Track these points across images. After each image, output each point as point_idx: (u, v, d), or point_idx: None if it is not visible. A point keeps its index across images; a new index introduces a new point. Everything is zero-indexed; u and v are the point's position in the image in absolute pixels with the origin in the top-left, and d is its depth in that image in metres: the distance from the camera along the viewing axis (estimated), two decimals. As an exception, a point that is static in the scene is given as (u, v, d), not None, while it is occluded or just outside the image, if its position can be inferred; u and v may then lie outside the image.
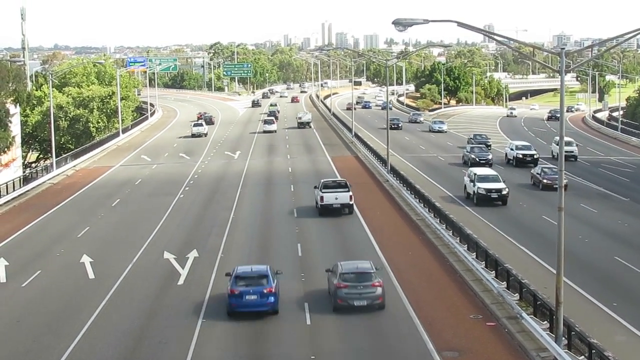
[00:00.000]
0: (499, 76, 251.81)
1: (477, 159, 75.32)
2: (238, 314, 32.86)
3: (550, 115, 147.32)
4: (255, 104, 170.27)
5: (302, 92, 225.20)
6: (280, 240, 47.47)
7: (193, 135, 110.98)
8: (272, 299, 33.06)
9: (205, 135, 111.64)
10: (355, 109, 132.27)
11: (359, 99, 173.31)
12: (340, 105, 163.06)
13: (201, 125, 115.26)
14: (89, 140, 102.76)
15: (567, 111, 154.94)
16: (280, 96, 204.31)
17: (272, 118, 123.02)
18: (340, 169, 75.60)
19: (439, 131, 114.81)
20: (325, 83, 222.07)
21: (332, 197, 54.12)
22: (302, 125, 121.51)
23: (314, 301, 34.54)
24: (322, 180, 57.38)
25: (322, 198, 54.27)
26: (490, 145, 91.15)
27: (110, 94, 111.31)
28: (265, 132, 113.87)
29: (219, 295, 36.13)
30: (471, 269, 38.38)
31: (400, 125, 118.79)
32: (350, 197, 54.49)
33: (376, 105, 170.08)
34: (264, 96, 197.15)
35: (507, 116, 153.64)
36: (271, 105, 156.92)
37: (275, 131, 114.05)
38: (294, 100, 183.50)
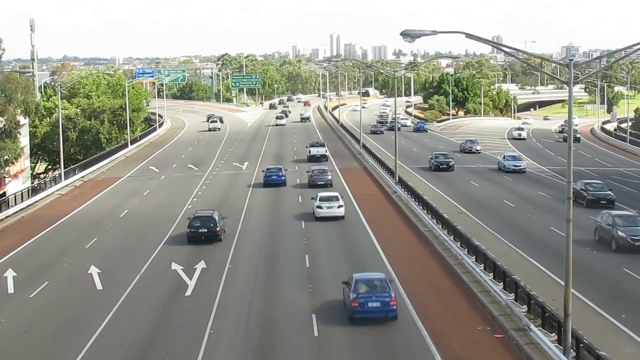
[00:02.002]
0: (507, 87, 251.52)
1: (631, 240, 44.63)
2: (269, 185, 71.42)
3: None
4: (272, 107, 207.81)
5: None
6: (288, 252, 47.44)
7: (210, 130, 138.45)
8: (283, 178, 72.87)
9: (219, 129, 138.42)
10: (382, 132, 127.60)
11: (381, 118, 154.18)
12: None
13: (216, 121, 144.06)
14: (99, 151, 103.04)
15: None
16: (298, 101, 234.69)
17: (283, 115, 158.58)
18: (348, 179, 75.55)
19: (515, 171, 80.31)
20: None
21: (315, 150, 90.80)
22: (304, 119, 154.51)
23: (322, 312, 34.50)
24: (310, 142, 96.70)
25: (309, 151, 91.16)
26: (614, 201, 60.48)
27: (123, 105, 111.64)
28: (277, 125, 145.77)
29: (226, 305, 36.19)
30: (479, 280, 38.31)
31: (451, 162, 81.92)
32: (326, 150, 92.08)
33: (404, 126, 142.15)
34: (280, 102, 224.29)
35: (515, 138, 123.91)
36: (284, 106, 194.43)
37: (285, 124, 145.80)
38: (306, 104, 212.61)
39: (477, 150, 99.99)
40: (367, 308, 33.18)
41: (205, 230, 49.23)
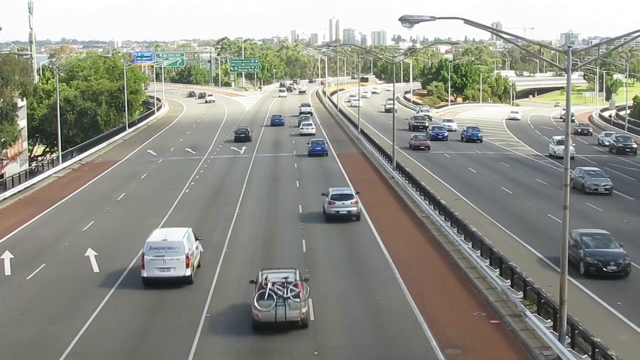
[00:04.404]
0: (506, 74, 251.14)
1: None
2: (274, 125, 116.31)
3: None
4: (282, 85, 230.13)
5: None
6: (285, 236, 47.48)
7: (206, 102, 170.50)
8: (283, 120, 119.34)
9: (214, 102, 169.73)
10: (427, 147, 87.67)
11: (416, 120, 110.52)
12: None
13: (211, 95, 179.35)
14: (97, 133, 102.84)
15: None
16: (321, 84, 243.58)
17: (285, 89, 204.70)
18: (346, 164, 75.59)
19: None
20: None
21: (304, 109, 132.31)
22: (301, 92, 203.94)
23: (318, 298, 34.56)
24: (301, 103, 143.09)
25: (300, 109, 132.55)
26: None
27: (121, 88, 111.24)
28: (279, 97, 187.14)
29: (223, 289, 36.23)
30: (475, 266, 38.37)
31: (623, 259, 37.83)
32: (312, 108, 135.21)
33: (450, 130, 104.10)
34: (294, 82, 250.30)
35: (556, 157, 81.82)
36: (290, 84, 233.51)
37: (286, 96, 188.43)
38: (322, 83, 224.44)
39: (606, 189, 61.29)
40: (315, 150, 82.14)
41: (244, 135, 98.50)
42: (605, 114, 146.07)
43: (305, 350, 28.76)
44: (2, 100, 68.49)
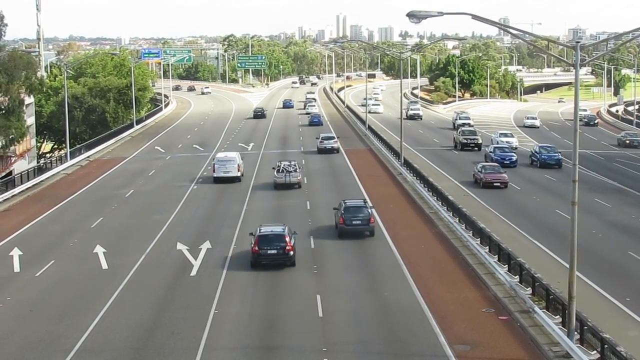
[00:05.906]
0: (514, 69, 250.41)
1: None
2: (285, 107, 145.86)
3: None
4: (300, 78, 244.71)
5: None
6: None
7: (202, 93, 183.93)
8: (292, 103, 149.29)
9: (210, 93, 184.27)
10: (504, 183, 60.80)
11: (467, 137, 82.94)
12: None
13: (207, 87, 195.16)
14: (106, 130, 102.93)
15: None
16: (355, 77, 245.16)
17: (298, 82, 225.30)
18: (354, 161, 75.54)
19: None
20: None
21: (310, 96, 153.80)
22: (313, 84, 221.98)
23: (326, 293, 34.59)
24: (307, 91, 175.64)
25: (306, 96, 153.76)
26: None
27: (129, 84, 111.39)
28: (292, 87, 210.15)
29: (231, 286, 36.27)
30: (484, 262, 38.34)
31: None
32: (315, 95, 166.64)
33: (511, 148, 77.24)
34: (318, 77, 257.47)
35: None
36: (305, 77, 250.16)
37: (299, 87, 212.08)
38: (347, 78, 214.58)
39: None
40: (313, 121, 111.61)
41: (260, 113, 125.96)
42: (613, 110, 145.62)
43: (314, 346, 28.76)
44: (9, 97, 68.49)
